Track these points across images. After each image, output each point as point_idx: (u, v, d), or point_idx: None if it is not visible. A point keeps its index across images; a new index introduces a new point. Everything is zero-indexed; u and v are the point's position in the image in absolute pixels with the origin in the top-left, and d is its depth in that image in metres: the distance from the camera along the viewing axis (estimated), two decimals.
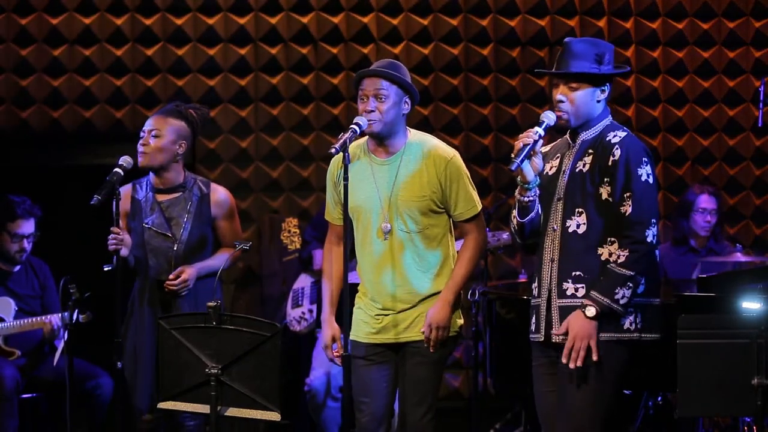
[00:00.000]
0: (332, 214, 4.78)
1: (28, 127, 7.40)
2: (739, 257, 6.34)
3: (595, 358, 4.17)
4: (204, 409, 4.37)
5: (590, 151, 4.29)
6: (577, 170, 4.30)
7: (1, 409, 5.95)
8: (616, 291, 4.16)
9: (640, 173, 4.22)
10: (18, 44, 7.39)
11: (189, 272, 5.11)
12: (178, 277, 5.09)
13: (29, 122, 7.40)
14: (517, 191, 4.32)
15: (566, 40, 4.36)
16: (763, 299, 4.87)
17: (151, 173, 5.24)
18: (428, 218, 4.60)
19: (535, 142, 4.18)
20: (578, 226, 4.26)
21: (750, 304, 4.86)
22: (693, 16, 7.93)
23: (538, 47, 7.79)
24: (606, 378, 4.23)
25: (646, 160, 4.25)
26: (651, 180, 4.25)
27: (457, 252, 4.69)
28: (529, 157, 4.19)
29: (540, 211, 4.34)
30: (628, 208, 4.20)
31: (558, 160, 4.39)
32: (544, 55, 7.72)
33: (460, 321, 4.67)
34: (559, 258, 4.29)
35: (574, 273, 4.26)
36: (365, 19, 7.65)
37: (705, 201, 6.82)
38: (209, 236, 5.28)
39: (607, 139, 4.28)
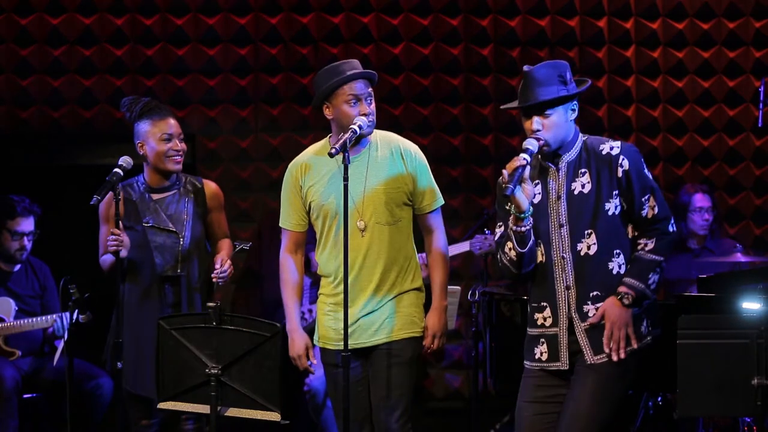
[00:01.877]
0: (290, 220, 4.77)
1: (28, 127, 7.40)
2: (739, 257, 6.35)
3: (635, 345, 4.24)
4: (204, 409, 4.38)
5: (583, 170, 4.30)
6: (576, 192, 4.31)
7: (1, 410, 5.95)
8: (650, 276, 4.24)
9: (647, 173, 4.31)
10: (18, 44, 7.38)
11: (228, 260, 5.12)
12: (222, 266, 5.08)
13: (29, 122, 7.39)
14: (511, 222, 4.29)
15: (525, 69, 4.31)
16: (763, 299, 4.87)
17: (145, 173, 5.25)
18: (401, 210, 4.69)
19: (524, 167, 4.17)
20: (589, 247, 4.29)
21: (750, 304, 4.87)
22: (693, 16, 7.92)
23: (538, 47, 7.78)
24: (621, 386, 4.29)
25: (643, 160, 4.34)
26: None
27: (423, 255, 4.80)
28: (519, 183, 4.18)
29: (534, 240, 4.33)
30: (654, 208, 4.27)
31: (539, 186, 4.37)
32: (544, 55, 7.71)
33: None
34: (575, 283, 4.30)
35: (592, 294, 4.30)
36: (365, 19, 7.65)
37: (700, 200, 6.86)
38: (204, 230, 5.29)
39: (604, 152, 4.30)
